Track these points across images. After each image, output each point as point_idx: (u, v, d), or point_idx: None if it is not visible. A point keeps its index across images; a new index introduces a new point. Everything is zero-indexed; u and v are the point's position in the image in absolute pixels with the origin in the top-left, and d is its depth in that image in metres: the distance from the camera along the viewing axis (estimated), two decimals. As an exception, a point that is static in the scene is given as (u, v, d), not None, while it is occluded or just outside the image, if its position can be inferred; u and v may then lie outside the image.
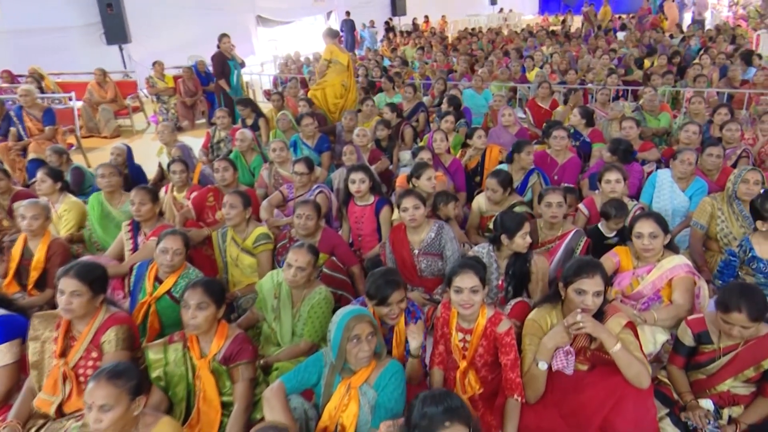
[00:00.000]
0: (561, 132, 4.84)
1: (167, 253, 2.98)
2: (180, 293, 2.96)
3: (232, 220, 3.54)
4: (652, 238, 2.90)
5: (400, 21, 21.30)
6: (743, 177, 3.66)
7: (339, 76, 7.66)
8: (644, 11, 18.36)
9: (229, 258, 3.66)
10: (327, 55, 7.60)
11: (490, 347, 2.59)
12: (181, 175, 4.44)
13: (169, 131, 5.58)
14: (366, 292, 2.63)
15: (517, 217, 3.06)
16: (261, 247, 3.58)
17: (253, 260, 3.61)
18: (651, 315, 2.73)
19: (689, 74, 8.75)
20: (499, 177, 3.94)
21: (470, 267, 2.46)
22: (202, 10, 13.50)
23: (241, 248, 3.62)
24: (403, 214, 3.35)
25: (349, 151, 5.00)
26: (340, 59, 7.61)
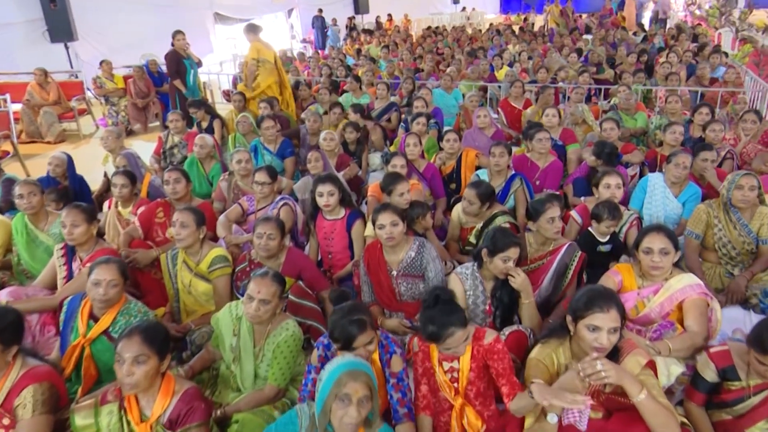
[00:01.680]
0: (544, 134, 4.54)
1: (100, 286, 2.52)
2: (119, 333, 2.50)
3: (184, 240, 3.09)
4: (662, 255, 2.59)
5: (363, 19, 20.90)
6: (737, 183, 3.41)
7: (271, 76, 7.23)
8: (606, 11, 18.42)
9: (181, 284, 3.20)
10: (254, 54, 7.12)
11: (481, 371, 2.27)
12: (123, 189, 3.93)
13: (114, 137, 5.04)
14: (329, 333, 2.24)
15: (506, 238, 2.71)
16: (217, 272, 3.14)
17: (208, 286, 3.16)
18: (665, 345, 2.41)
19: (658, 72, 8.65)
20: (478, 189, 3.58)
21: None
22: (156, 5, 12.79)
23: (195, 273, 3.16)
24: (380, 232, 2.96)
25: (314, 158, 4.57)
26: (268, 57, 7.17)
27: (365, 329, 2.18)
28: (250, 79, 7.23)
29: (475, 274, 2.84)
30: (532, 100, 7.35)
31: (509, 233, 2.76)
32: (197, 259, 3.19)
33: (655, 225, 2.75)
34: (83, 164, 6.74)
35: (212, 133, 6.43)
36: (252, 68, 7.19)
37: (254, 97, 7.18)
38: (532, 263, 3.18)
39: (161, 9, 12.79)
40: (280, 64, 7.45)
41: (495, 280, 2.79)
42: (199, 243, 3.17)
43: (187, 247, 3.15)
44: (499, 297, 2.77)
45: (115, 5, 11.97)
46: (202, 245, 3.20)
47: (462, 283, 2.86)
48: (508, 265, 2.70)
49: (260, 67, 7.16)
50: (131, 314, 2.58)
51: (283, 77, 7.50)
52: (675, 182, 4.02)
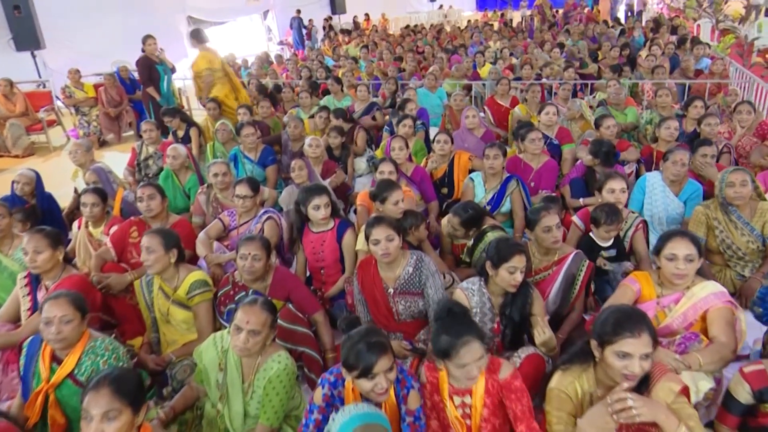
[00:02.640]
0: (536, 134, 4.35)
1: (51, 324, 2.26)
2: (86, 376, 2.25)
3: (152, 267, 2.83)
4: (687, 262, 2.40)
5: (340, 19, 20.62)
6: (728, 180, 3.28)
7: (226, 84, 6.95)
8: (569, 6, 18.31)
9: (158, 313, 2.94)
10: (204, 64, 6.80)
11: (496, 407, 2.06)
12: (93, 209, 3.63)
13: (83, 151, 4.73)
14: (343, 361, 2.01)
15: (511, 246, 2.51)
16: (197, 298, 2.88)
17: (188, 314, 2.90)
18: (695, 359, 2.21)
19: (643, 66, 8.56)
20: (462, 216, 3.32)
21: None
22: (126, 10, 12.37)
23: (173, 300, 2.90)
24: (374, 248, 2.73)
25: (298, 167, 4.32)
26: (216, 65, 6.87)
27: (385, 353, 1.96)
28: (206, 90, 6.92)
29: (482, 290, 2.63)
30: (518, 98, 7.18)
31: (513, 241, 2.55)
32: (174, 284, 2.92)
33: (679, 229, 2.56)
34: (54, 179, 6.41)
35: (189, 143, 6.16)
36: (208, 79, 6.86)
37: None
38: (537, 274, 2.98)
39: (132, 13, 12.38)
40: (229, 70, 7.15)
41: (504, 297, 2.58)
42: (172, 267, 2.91)
43: (158, 273, 2.88)
44: (509, 315, 2.56)
45: (84, 11, 11.54)
46: (177, 269, 2.94)
47: (468, 299, 2.64)
48: (515, 277, 2.49)
49: (214, 76, 6.86)
50: (98, 353, 2.31)
51: (235, 82, 7.19)
52: (674, 180, 3.86)
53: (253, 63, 11.63)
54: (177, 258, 2.90)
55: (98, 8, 11.87)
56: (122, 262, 3.47)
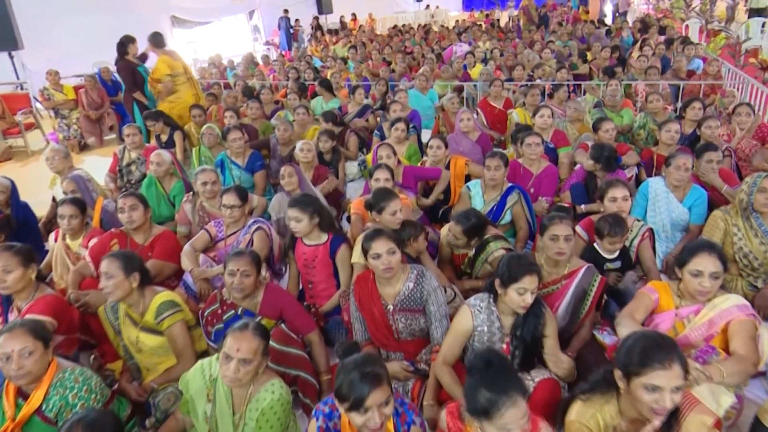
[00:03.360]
0: (535, 138, 4.20)
1: (11, 361, 2.05)
2: (55, 411, 2.05)
3: (113, 294, 2.62)
4: (713, 279, 2.27)
5: (327, 19, 20.41)
6: (759, 185, 3.14)
7: (190, 89, 6.74)
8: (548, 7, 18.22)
9: (128, 341, 2.72)
10: (165, 70, 6.56)
11: None
12: (71, 221, 3.41)
13: (61, 157, 4.49)
14: (335, 391, 1.83)
15: (522, 266, 2.33)
16: (167, 321, 2.65)
17: (161, 339, 2.68)
18: (717, 370, 2.04)
19: (635, 66, 8.47)
20: (464, 224, 3.17)
21: None
22: (108, 9, 12.05)
23: (141, 326, 2.69)
24: (375, 263, 2.56)
25: (287, 173, 4.13)
26: (178, 68, 6.64)
27: (380, 384, 1.77)
28: (164, 95, 6.69)
29: (491, 308, 2.46)
30: (512, 100, 7.05)
31: (525, 259, 2.38)
32: (140, 309, 2.71)
33: (706, 243, 2.39)
34: (32, 185, 6.16)
35: (173, 147, 5.94)
36: (169, 85, 6.63)
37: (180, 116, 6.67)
38: (545, 288, 2.82)
39: (114, 13, 12.07)
40: (191, 74, 6.92)
41: (514, 316, 2.41)
42: (136, 292, 2.68)
43: (119, 299, 2.68)
44: (520, 336, 2.40)
45: (64, 10, 11.24)
46: (143, 292, 2.71)
47: (472, 318, 2.48)
48: (525, 298, 2.33)
49: (176, 81, 6.63)
50: (67, 386, 2.10)
51: (197, 88, 6.96)
52: (678, 186, 3.74)
53: (239, 64, 11.39)
54: (141, 281, 2.69)
55: (79, 8, 11.57)
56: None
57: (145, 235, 3.43)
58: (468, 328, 2.49)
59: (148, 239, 3.43)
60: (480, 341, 2.49)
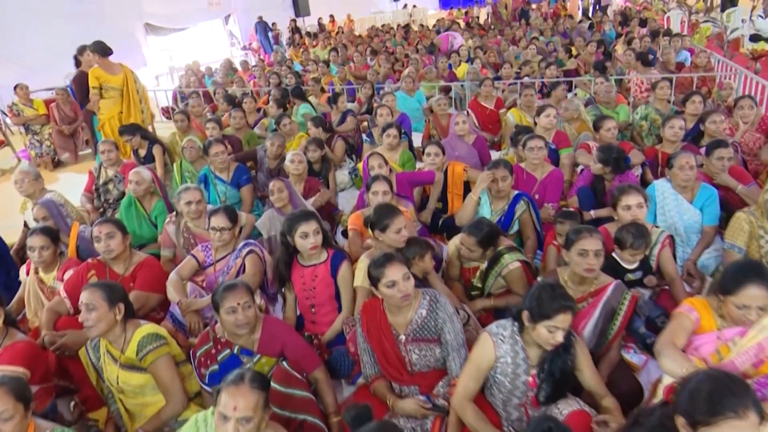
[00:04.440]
0: (537, 142, 3.98)
1: None
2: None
3: (96, 328, 2.36)
4: (759, 310, 2.05)
5: (305, 21, 20.10)
6: None
7: (116, 106, 6.30)
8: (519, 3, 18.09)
9: (109, 380, 2.45)
10: (92, 82, 6.10)
11: None
12: (43, 252, 3.11)
13: (31, 179, 4.16)
14: None
15: (556, 301, 2.07)
16: (150, 356, 2.38)
17: (145, 377, 2.42)
18: None
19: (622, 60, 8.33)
20: (477, 235, 2.93)
21: None
22: (79, 19, 11.62)
23: (121, 364, 2.42)
24: (389, 291, 2.32)
25: (277, 189, 3.86)
26: (112, 82, 6.20)
27: None
28: (94, 109, 6.28)
29: (515, 338, 2.23)
30: (502, 99, 6.86)
31: (560, 293, 2.12)
32: (121, 345, 2.44)
33: (753, 269, 2.11)
34: (3, 207, 5.81)
35: (152, 162, 5.62)
36: (94, 98, 6.17)
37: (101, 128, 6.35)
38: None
39: (84, 21, 11.64)
40: (132, 88, 6.37)
41: (542, 348, 2.18)
42: (117, 326, 2.43)
43: (102, 335, 2.41)
44: (549, 370, 2.16)
45: (32, 21, 10.82)
46: (124, 326, 2.45)
47: (495, 348, 2.24)
48: (555, 337, 2.08)
49: (104, 95, 6.20)
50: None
51: (128, 106, 6.39)
52: (685, 186, 3.55)
53: (218, 70, 11.05)
54: (124, 313, 2.43)
55: (48, 18, 11.15)
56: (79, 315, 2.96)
57: (125, 264, 3.15)
58: (490, 359, 2.25)
59: (129, 268, 3.14)
60: (503, 373, 2.26)
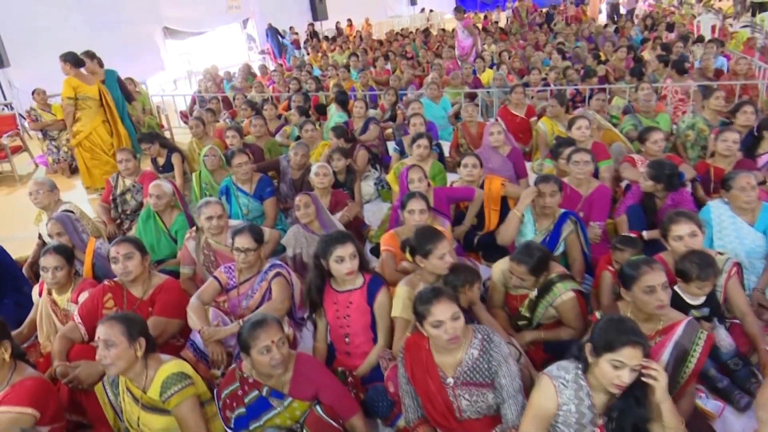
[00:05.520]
0: (584, 155, 3.71)
1: None
2: None
3: (115, 366, 2.14)
4: None
5: (322, 26, 19.96)
6: None
7: (97, 116, 6.10)
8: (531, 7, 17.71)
9: (128, 421, 2.22)
10: (68, 92, 5.89)
11: None
12: (56, 273, 2.90)
13: (46, 191, 3.98)
14: None
15: (623, 333, 1.85)
16: (175, 398, 2.15)
17: (168, 420, 2.19)
18: None
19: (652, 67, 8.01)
20: (529, 263, 2.67)
21: None
22: (99, 23, 11.56)
23: (142, 405, 2.19)
24: (436, 332, 2.07)
25: (303, 204, 3.63)
26: (89, 92, 5.99)
27: None
28: (68, 122, 6.06)
29: (580, 381, 1.97)
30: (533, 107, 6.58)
31: (630, 326, 1.88)
32: (142, 383, 2.22)
33: None
34: (19, 215, 5.66)
35: (171, 170, 5.43)
36: (68, 109, 5.96)
37: (77, 145, 6.13)
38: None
39: (105, 26, 11.58)
40: (108, 99, 6.22)
41: (609, 394, 1.92)
42: (138, 363, 2.21)
43: (121, 373, 2.18)
44: (618, 420, 1.90)
45: (52, 25, 10.75)
46: (146, 362, 2.23)
47: (556, 394, 1.98)
48: (621, 375, 1.84)
49: (80, 106, 5.99)
50: None
51: (112, 114, 6.27)
52: (745, 208, 3.24)
53: (236, 75, 10.88)
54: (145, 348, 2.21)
55: (68, 22, 11.08)
56: (94, 342, 2.74)
57: (143, 287, 2.92)
58: (551, 406, 1.99)
59: (148, 291, 2.92)
60: (566, 423, 1.99)
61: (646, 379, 1.88)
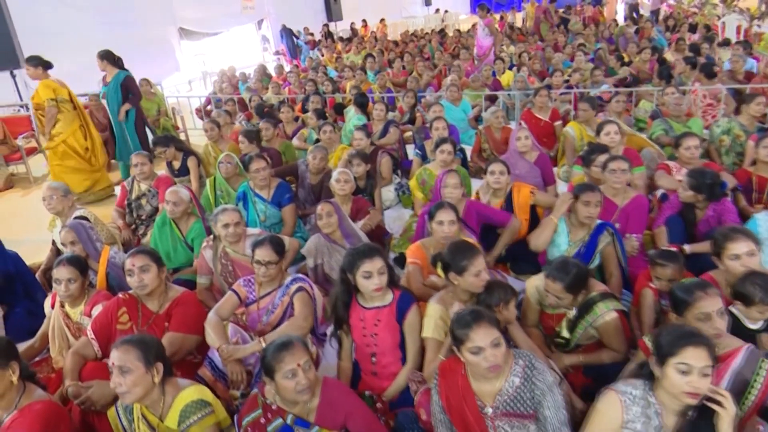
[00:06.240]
0: (621, 163, 3.51)
1: None
2: None
3: (131, 394, 1.99)
4: None
5: (337, 26, 19.85)
6: None
7: (74, 120, 5.96)
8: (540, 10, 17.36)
9: None
10: (48, 94, 5.73)
11: None
12: (69, 286, 2.77)
13: (60, 196, 3.87)
14: None
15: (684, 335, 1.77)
16: (195, 429, 2.02)
17: (186, 451, 2.05)
18: None
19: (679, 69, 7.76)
20: (565, 280, 2.46)
21: None
22: (113, 24, 11.52)
23: None
24: (474, 359, 1.91)
25: (326, 213, 3.47)
26: (65, 95, 5.86)
27: None
28: (49, 125, 5.84)
29: (649, 398, 1.81)
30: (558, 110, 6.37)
31: (688, 328, 1.80)
32: (159, 411, 2.07)
33: None
34: (34, 218, 5.58)
35: (187, 174, 5.31)
36: (52, 111, 5.75)
37: (53, 147, 5.94)
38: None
39: (120, 27, 11.54)
40: (78, 103, 6.11)
41: (681, 417, 1.75)
42: (155, 389, 2.06)
43: (139, 399, 2.04)
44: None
45: (67, 25, 10.73)
46: (163, 388, 2.08)
47: (622, 409, 1.83)
48: (691, 382, 1.70)
49: (60, 108, 5.82)
50: None
51: (85, 117, 6.17)
52: None
53: (252, 76, 10.77)
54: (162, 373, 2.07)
55: (83, 23, 11.06)
56: (107, 358, 2.60)
57: (159, 300, 2.79)
58: (616, 422, 1.87)
59: (164, 305, 2.78)
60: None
61: (711, 404, 1.74)
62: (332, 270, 3.52)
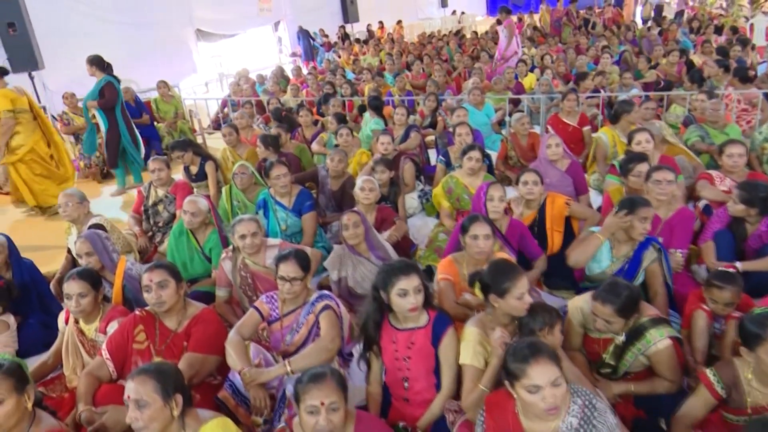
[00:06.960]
0: (667, 174, 3.29)
1: None
2: None
3: (147, 429, 1.82)
4: None
5: (353, 28, 19.72)
6: None
7: (35, 131, 5.62)
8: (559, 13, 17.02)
9: None
10: (6, 105, 5.31)
11: None
12: (80, 300, 2.63)
13: (75, 203, 3.74)
14: None
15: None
16: None
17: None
18: None
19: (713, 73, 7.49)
20: (616, 303, 2.27)
21: None
22: (131, 26, 11.48)
23: None
24: (530, 398, 1.73)
25: (352, 224, 3.30)
26: (24, 104, 5.50)
27: None
28: (6, 136, 5.43)
29: None
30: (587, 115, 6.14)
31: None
32: None
33: None
34: (50, 225, 5.49)
35: (204, 179, 5.18)
36: (9, 123, 5.36)
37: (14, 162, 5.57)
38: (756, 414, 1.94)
39: (137, 29, 11.50)
40: (39, 112, 5.79)
41: None
42: (175, 423, 1.89)
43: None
44: None
45: (86, 27, 10.70)
46: (183, 420, 1.92)
47: None
48: None
49: (19, 119, 5.45)
50: None
51: (47, 126, 5.81)
52: None
53: (269, 79, 10.64)
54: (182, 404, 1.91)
55: (101, 24, 11.02)
56: (123, 380, 2.46)
57: (178, 318, 2.63)
58: None
59: (183, 323, 2.63)
60: None
61: None
62: (357, 284, 3.36)
